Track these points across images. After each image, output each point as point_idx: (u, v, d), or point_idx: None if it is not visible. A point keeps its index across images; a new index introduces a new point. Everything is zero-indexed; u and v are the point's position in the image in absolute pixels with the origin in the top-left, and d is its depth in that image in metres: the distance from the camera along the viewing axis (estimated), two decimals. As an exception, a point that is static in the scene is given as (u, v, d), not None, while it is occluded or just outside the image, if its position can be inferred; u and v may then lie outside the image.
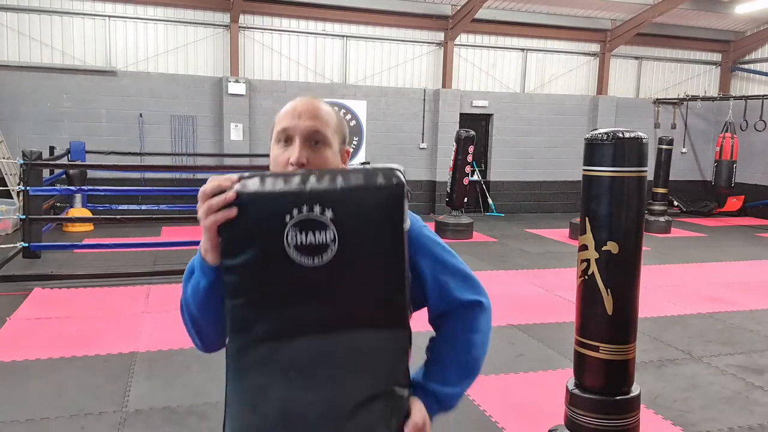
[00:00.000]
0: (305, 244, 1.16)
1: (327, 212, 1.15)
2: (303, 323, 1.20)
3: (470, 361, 1.40)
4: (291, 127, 1.33)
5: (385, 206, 1.18)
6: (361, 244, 1.17)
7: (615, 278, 2.86)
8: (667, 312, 5.95)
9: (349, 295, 1.20)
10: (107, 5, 10.45)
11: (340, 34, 11.69)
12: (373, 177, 1.18)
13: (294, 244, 1.16)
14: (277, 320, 1.20)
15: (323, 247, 1.16)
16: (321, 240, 1.16)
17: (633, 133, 2.81)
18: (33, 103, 10.10)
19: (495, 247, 9.13)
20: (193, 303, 1.30)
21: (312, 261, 1.16)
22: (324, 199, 1.16)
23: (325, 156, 1.33)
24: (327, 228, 1.15)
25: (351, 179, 1.18)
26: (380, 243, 1.19)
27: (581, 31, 12.87)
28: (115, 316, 5.37)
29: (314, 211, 1.15)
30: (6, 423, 3.40)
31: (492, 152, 12.77)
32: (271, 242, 1.16)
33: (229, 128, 10.90)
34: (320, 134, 1.33)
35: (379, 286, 1.21)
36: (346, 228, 1.16)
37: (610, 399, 2.92)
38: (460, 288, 1.39)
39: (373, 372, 1.22)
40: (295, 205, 1.16)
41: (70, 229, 9.09)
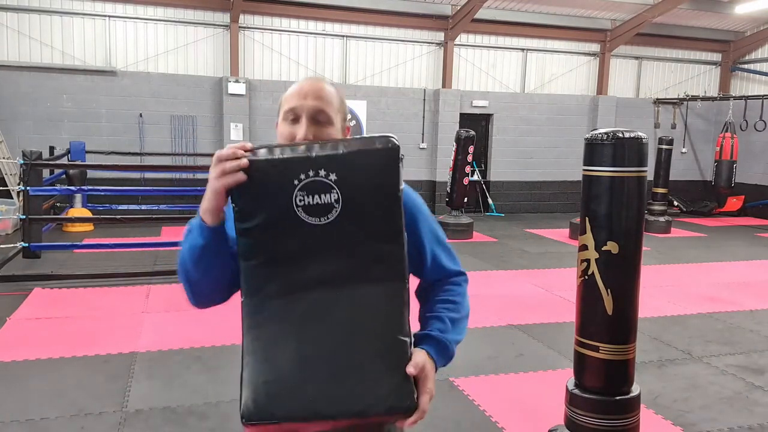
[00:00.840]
0: (312, 204, 1.28)
1: (331, 175, 1.28)
2: (312, 279, 1.31)
3: (462, 317, 1.56)
4: (298, 106, 1.45)
5: (382, 167, 1.31)
6: (361, 203, 1.30)
7: (615, 278, 2.86)
8: (667, 312, 5.95)
9: (353, 250, 1.32)
10: (107, 5, 10.45)
11: (340, 34, 11.69)
12: (370, 142, 1.31)
13: (302, 204, 1.28)
14: (289, 277, 1.32)
15: (328, 206, 1.28)
16: (326, 200, 1.28)
17: (633, 133, 2.80)
18: (33, 103, 10.10)
19: (495, 247, 9.13)
20: (189, 260, 1.40)
21: (319, 220, 1.29)
22: (328, 163, 1.28)
23: (329, 133, 1.46)
24: (331, 189, 1.28)
25: (351, 145, 1.30)
26: (378, 201, 1.31)
27: (581, 31, 12.87)
28: (115, 316, 5.37)
29: (320, 175, 1.27)
30: (6, 423, 3.40)
31: (492, 152, 12.77)
32: (281, 205, 1.28)
33: (229, 128, 10.90)
34: (324, 113, 1.46)
35: (379, 241, 1.32)
36: (348, 189, 1.28)
37: (610, 399, 2.92)
38: (449, 260, 1.60)
39: (378, 322, 1.33)
40: (302, 170, 1.28)
41: (70, 229, 9.09)
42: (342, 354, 1.31)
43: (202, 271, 1.41)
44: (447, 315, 1.52)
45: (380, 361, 1.32)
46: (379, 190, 1.31)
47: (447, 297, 1.56)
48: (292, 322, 1.32)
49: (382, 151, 1.31)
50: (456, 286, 1.59)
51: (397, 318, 1.34)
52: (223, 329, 4.94)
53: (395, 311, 1.34)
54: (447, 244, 1.61)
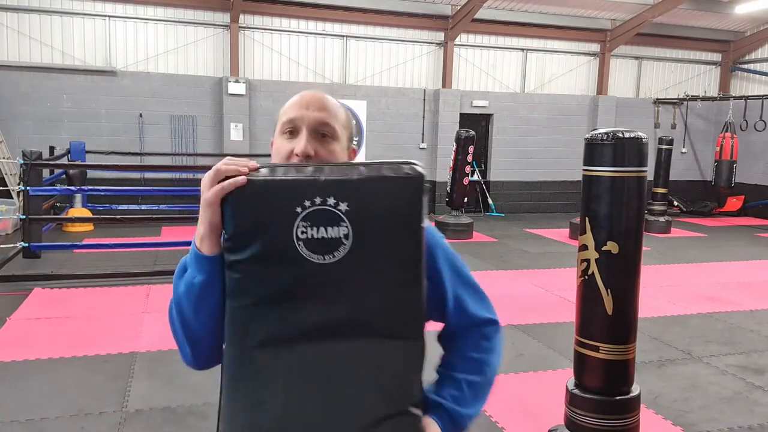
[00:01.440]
0: (316, 239, 1.06)
1: (341, 204, 1.06)
2: (308, 328, 1.09)
3: (484, 383, 1.32)
4: (298, 117, 1.24)
5: (404, 200, 1.10)
6: (376, 242, 1.08)
7: (615, 278, 2.86)
8: (667, 312, 5.95)
9: (361, 298, 1.10)
10: (107, 5, 10.45)
11: (340, 34, 11.69)
12: (392, 169, 1.10)
13: (304, 238, 1.06)
14: (280, 323, 1.10)
15: (335, 242, 1.07)
16: (333, 235, 1.06)
17: (633, 133, 2.80)
18: (33, 103, 10.10)
19: (495, 247, 9.13)
20: (187, 303, 1.17)
21: (322, 258, 1.07)
22: (338, 190, 1.07)
23: (333, 149, 1.24)
24: (340, 222, 1.06)
25: (368, 171, 1.09)
26: (397, 241, 1.10)
27: (581, 31, 12.87)
28: (115, 316, 5.37)
29: (328, 203, 1.06)
30: (6, 423, 3.40)
31: (492, 152, 12.77)
32: (279, 236, 1.07)
33: (229, 128, 10.90)
34: (329, 126, 1.24)
35: (394, 289, 1.11)
36: (361, 223, 1.07)
37: (610, 399, 2.92)
38: (477, 305, 1.32)
39: (383, 387, 1.11)
40: (307, 195, 1.06)
41: (70, 229, 9.09)
42: (336, 424, 1.08)
43: (203, 316, 1.17)
44: (466, 379, 1.28)
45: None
46: (398, 226, 1.10)
47: (471, 354, 1.30)
48: (279, 379, 1.10)
49: (405, 180, 1.10)
50: (485, 340, 1.32)
51: (407, 384, 1.13)
52: (223, 329, 4.95)
53: (406, 376, 1.13)
54: (475, 285, 1.34)
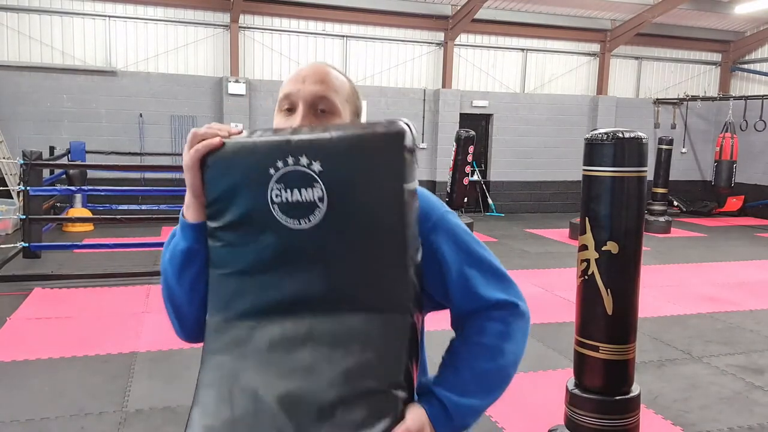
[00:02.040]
0: (290, 202, 1.01)
1: (314, 164, 1.00)
2: (288, 299, 1.04)
3: (493, 371, 1.14)
4: (294, 92, 1.16)
5: (382, 159, 1.01)
6: (353, 204, 1.01)
7: (615, 278, 2.86)
8: (667, 312, 5.95)
9: (339, 266, 1.02)
10: (107, 5, 10.45)
11: (340, 34, 11.69)
12: (371, 126, 1.03)
13: (279, 201, 1.02)
14: (258, 294, 1.05)
15: (310, 205, 1.00)
16: (308, 197, 1.00)
17: (633, 133, 2.81)
18: (33, 103, 10.10)
19: (495, 247, 9.13)
20: (171, 271, 1.14)
21: (298, 222, 1.01)
22: (311, 148, 1.00)
23: None
24: (314, 183, 1.00)
25: (344, 128, 1.03)
26: (376, 204, 1.01)
27: (581, 31, 12.87)
28: (115, 316, 5.37)
29: (300, 163, 1.00)
30: (6, 423, 3.40)
31: (492, 152, 12.78)
32: (254, 199, 1.03)
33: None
34: (327, 101, 1.15)
35: (375, 257, 1.02)
36: (337, 184, 1.00)
37: (609, 399, 2.93)
38: (489, 284, 1.16)
39: (361, 364, 1.01)
40: (280, 156, 1.01)
41: (70, 229, 9.09)
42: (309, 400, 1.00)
43: (188, 285, 1.13)
44: (470, 365, 1.12)
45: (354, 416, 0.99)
46: (378, 187, 1.01)
47: (478, 339, 1.14)
48: (258, 351, 1.05)
49: (384, 137, 1.01)
50: (498, 323, 1.15)
51: (389, 362, 1.01)
52: (223, 329, 4.94)
53: (390, 353, 1.01)
54: (490, 262, 1.19)
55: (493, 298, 1.16)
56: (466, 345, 1.15)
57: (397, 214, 1.02)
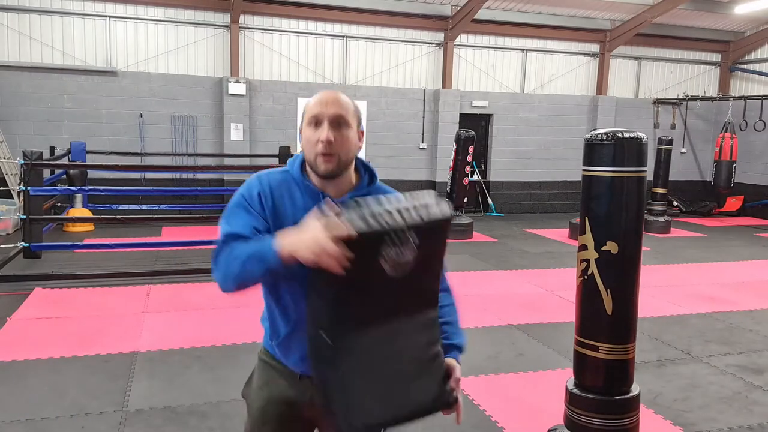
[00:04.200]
0: (397, 261, 1.49)
1: (414, 237, 1.50)
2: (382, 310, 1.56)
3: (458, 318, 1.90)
4: (320, 113, 1.65)
5: (444, 230, 1.62)
6: (428, 259, 1.57)
7: (615, 278, 2.87)
8: (667, 312, 5.96)
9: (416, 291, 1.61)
10: (107, 5, 10.46)
11: (340, 34, 11.69)
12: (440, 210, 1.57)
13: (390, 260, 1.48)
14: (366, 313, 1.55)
15: (408, 263, 1.51)
16: (408, 258, 1.50)
17: (633, 133, 2.81)
18: (33, 103, 10.11)
19: (495, 247, 9.13)
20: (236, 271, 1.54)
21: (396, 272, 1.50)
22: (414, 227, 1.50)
23: (347, 135, 1.67)
24: (413, 249, 1.50)
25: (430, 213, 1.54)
26: (438, 256, 1.64)
27: (581, 31, 12.88)
28: (115, 316, 5.37)
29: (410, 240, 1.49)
30: (6, 423, 3.41)
31: (492, 152, 12.78)
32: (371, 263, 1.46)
33: (230, 128, 10.90)
34: (343, 118, 1.66)
35: (433, 284, 1.67)
36: (423, 247, 1.52)
37: (609, 399, 2.93)
38: None
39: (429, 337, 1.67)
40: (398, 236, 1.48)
41: (71, 229, 9.10)
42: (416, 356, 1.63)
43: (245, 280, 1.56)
44: (455, 319, 1.86)
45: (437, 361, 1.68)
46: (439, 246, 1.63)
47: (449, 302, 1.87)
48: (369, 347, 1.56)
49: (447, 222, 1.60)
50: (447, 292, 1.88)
51: (436, 335, 1.70)
52: (223, 329, 4.95)
53: (435, 330, 1.69)
54: None
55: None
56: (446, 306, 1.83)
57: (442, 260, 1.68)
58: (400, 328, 1.60)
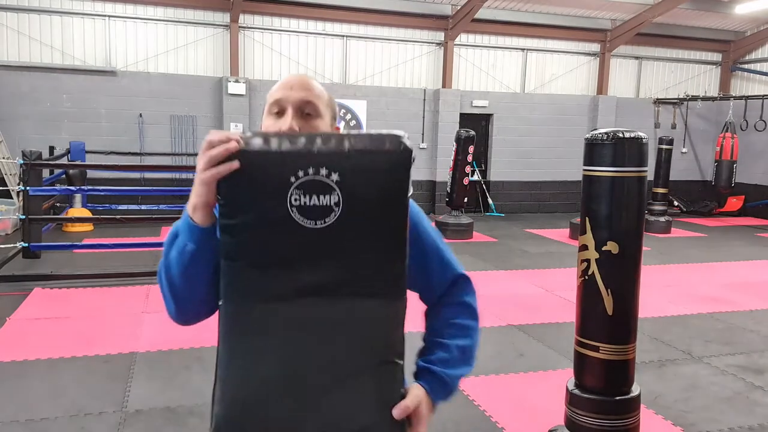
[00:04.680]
0: (309, 206, 1.15)
1: (333, 175, 1.15)
2: (303, 286, 1.19)
3: (472, 346, 1.41)
4: (283, 98, 1.33)
5: (392, 172, 1.19)
6: (364, 209, 1.18)
7: (615, 278, 2.86)
8: (667, 312, 5.95)
9: (350, 259, 1.20)
10: (107, 5, 10.45)
11: (340, 34, 11.69)
12: (380, 142, 1.18)
13: (297, 205, 1.15)
14: (277, 283, 1.19)
15: (327, 209, 1.15)
16: (325, 202, 1.15)
17: (633, 133, 2.80)
18: (33, 103, 10.10)
19: (495, 247, 9.13)
20: (177, 268, 1.23)
21: (315, 223, 1.16)
22: (331, 161, 1.15)
23: (317, 126, 1.34)
24: (332, 191, 1.15)
25: (358, 143, 1.17)
26: (384, 209, 1.19)
27: (581, 31, 12.87)
28: (115, 316, 5.37)
29: (320, 174, 1.15)
30: (6, 423, 3.40)
31: (492, 152, 12.77)
32: (274, 203, 1.15)
33: (230, 128, 10.89)
34: (312, 105, 1.34)
35: (380, 252, 1.21)
36: (351, 191, 1.16)
37: (610, 399, 2.92)
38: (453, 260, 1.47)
39: (368, 340, 1.22)
40: (301, 166, 1.14)
41: (70, 229, 9.09)
42: (327, 372, 1.20)
43: (190, 282, 1.24)
44: (454, 343, 1.37)
45: (369, 383, 1.21)
46: (385, 195, 1.19)
47: (456, 319, 1.41)
48: (276, 332, 1.19)
49: (392, 155, 1.18)
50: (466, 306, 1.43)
51: (392, 337, 1.24)
52: (223, 329, 4.93)
53: (391, 330, 1.24)
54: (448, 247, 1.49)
55: (459, 271, 1.45)
56: (449, 327, 1.39)
57: (402, 217, 1.22)
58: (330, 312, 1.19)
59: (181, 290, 1.26)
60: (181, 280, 1.24)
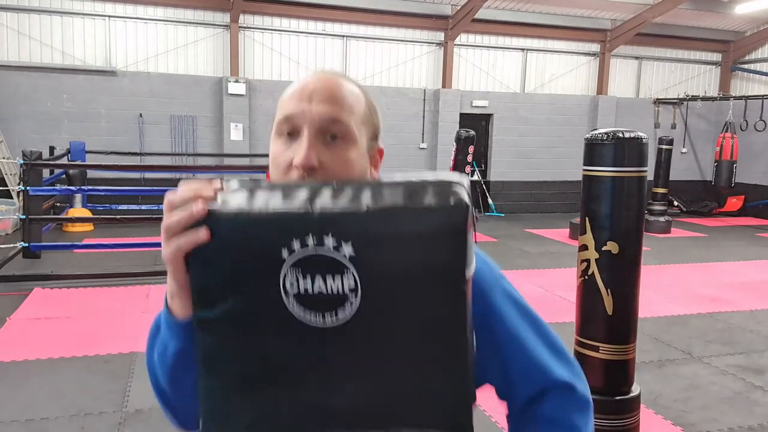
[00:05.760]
0: (312, 294, 0.75)
1: (344, 247, 0.74)
2: (310, 415, 0.80)
3: None
4: (298, 114, 0.91)
5: (437, 241, 0.74)
6: (396, 298, 0.76)
7: (615, 278, 2.86)
8: (667, 312, 5.95)
9: (377, 375, 0.78)
10: (107, 5, 10.45)
11: (340, 34, 11.69)
12: (417, 195, 0.74)
13: (294, 292, 0.76)
14: (268, 407, 0.80)
15: (339, 299, 0.75)
16: (335, 289, 0.75)
17: (633, 133, 2.81)
18: (33, 103, 10.10)
19: (495, 247, 9.13)
20: (162, 374, 0.93)
21: (322, 319, 0.76)
22: (340, 225, 0.74)
23: (347, 157, 0.91)
24: (345, 270, 0.74)
25: (383, 196, 0.75)
26: (427, 298, 0.76)
27: (581, 31, 12.87)
28: (115, 316, 5.37)
29: (325, 244, 0.74)
30: (6, 423, 3.40)
31: (492, 152, 12.78)
32: (260, 288, 0.77)
33: (229, 128, 10.90)
34: (341, 125, 0.91)
35: (424, 365, 0.78)
36: (374, 272, 0.75)
37: (610, 399, 2.92)
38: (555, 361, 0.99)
39: None
40: (297, 233, 0.74)
41: (70, 229, 9.09)
42: None
43: (182, 386, 0.91)
44: None
45: None
46: (428, 277, 0.75)
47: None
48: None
49: (439, 214, 0.74)
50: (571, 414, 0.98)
51: None
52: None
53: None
54: (553, 334, 1.02)
55: (558, 377, 0.96)
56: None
57: (455, 308, 0.77)
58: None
59: (175, 399, 0.97)
60: (170, 387, 0.95)
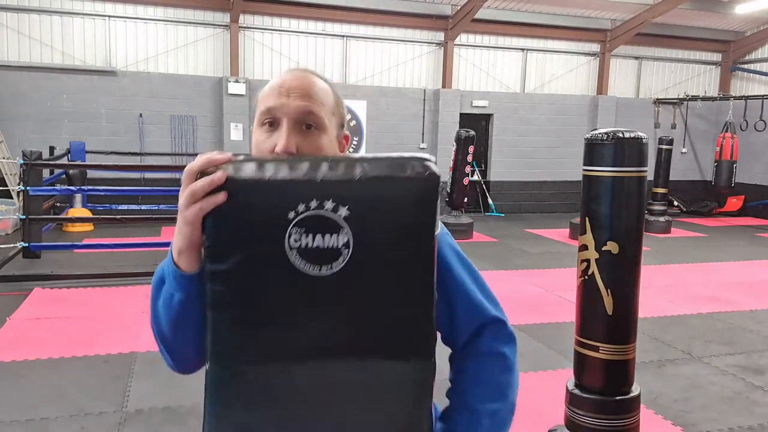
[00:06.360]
0: (311, 248, 0.94)
1: (341, 209, 0.94)
2: (303, 347, 0.98)
3: (507, 409, 1.17)
4: (277, 107, 1.09)
5: (415, 205, 0.97)
6: (381, 251, 0.96)
7: (615, 278, 2.86)
8: (667, 312, 5.95)
9: (364, 314, 0.98)
10: (107, 5, 10.45)
11: (340, 34, 11.69)
12: (400, 167, 0.96)
13: (297, 247, 0.94)
14: (271, 342, 0.98)
15: (334, 252, 0.95)
16: (332, 244, 0.94)
17: (633, 133, 2.80)
18: (33, 103, 10.10)
19: (495, 247, 9.13)
20: (166, 320, 1.07)
21: (318, 269, 0.95)
22: (338, 192, 0.94)
23: (320, 143, 1.10)
24: (340, 229, 0.94)
25: (372, 168, 0.96)
26: (406, 250, 0.97)
27: (581, 31, 12.87)
28: (115, 316, 5.37)
29: (325, 207, 0.94)
30: (6, 423, 3.40)
31: (492, 152, 12.78)
32: (268, 244, 0.95)
33: (229, 128, 10.90)
34: (314, 116, 1.10)
35: (401, 304, 0.99)
36: (364, 230, 0.95)
37: (610, 399, 2.92)
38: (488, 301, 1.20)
39: (388, 414, 1.00)
40: (302, 198, 0.94)
41: (70, 229, 9.09)
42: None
43: (183, 333, 1.07)
44: (485, 408, 1.13)
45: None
46: (407, 234, 0.97)
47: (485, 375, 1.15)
48: (271, 402, 1.00)
49: (416, 182, 0.96)
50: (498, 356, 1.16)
51: (415, 409, 1.02)
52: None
53: (414, 400, 1.02)
54: (483, 280, 1.24)
55: (491, 314, 1.18)
56: (478, 386, 1.15)
57: (428, 261, 0.99)
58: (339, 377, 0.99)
59: (174, 343, 1.10)
60: (172, 332, 1.08)
